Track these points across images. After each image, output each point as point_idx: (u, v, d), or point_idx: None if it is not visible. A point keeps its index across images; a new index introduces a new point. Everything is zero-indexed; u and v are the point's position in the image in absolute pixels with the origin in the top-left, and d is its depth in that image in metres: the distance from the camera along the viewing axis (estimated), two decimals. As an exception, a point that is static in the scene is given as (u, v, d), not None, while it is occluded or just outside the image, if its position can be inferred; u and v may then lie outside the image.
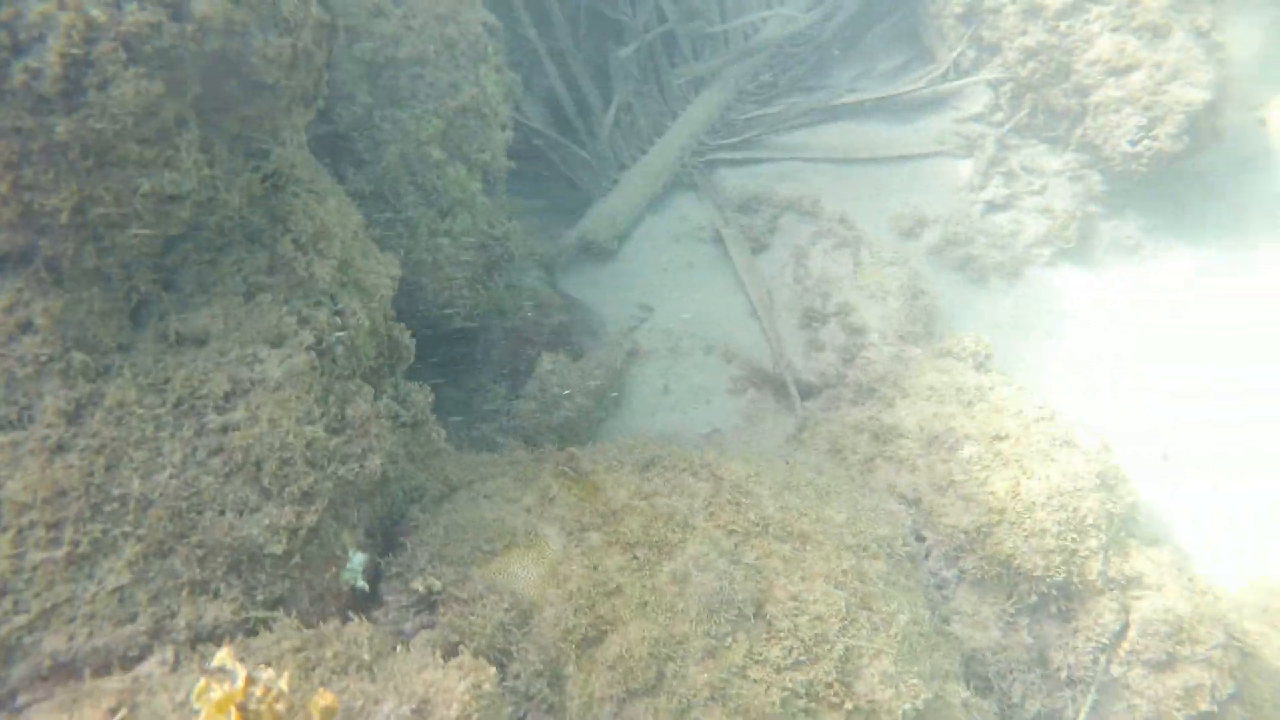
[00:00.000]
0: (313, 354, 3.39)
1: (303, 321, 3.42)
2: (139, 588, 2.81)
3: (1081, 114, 8.40)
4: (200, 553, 2.87)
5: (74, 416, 2.84)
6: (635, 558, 3.97)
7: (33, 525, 2.68)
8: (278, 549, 3.05)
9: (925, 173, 8.93)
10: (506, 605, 3.67)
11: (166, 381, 3.05)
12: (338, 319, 3.51)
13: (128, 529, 2.81)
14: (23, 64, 2.39)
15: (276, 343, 3.33)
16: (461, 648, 3.37)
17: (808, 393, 7.24)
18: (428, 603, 3.62)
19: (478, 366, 6.83)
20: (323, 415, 3.32)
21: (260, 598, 3.02)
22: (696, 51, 9.16)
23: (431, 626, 3.54)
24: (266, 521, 3.03)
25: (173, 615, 2.85)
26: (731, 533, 4.30)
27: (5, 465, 2.68)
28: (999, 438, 5.74)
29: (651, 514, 4.18)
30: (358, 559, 3.58)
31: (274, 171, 3.41)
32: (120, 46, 2.51)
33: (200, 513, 2.92)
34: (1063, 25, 8.26)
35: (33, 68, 2.40)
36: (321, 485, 3.22)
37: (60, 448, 2.77)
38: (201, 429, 3.04)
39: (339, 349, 3.54)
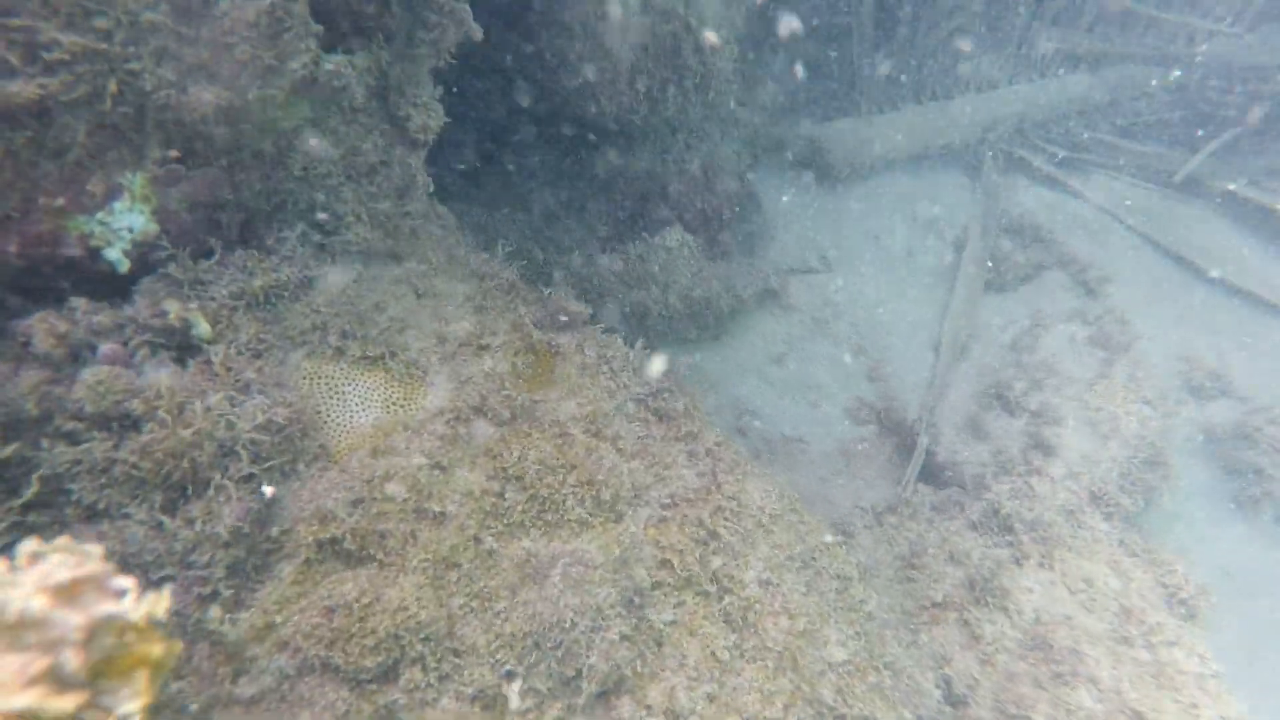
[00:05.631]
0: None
1: None
2: None
3: None
4: None
5: None
6: (501, 499, 2.43)
7: None
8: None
9: (1273, 334, 6.33)
10: (283, 418, 2.27)
11: None
12: None
13: None
14: None
15: None
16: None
17: (932, 474, 5.28)
18: (179, 343, 2.27)
19: (592, 185, 5.32)
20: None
21: None
22: (1098, 24, 6.79)
23: (142, 365, 2.15)
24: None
25: None
26: (666, 562, 2.65)
27: None
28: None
29: (577, 457, 2.60)
30: (128, 218, 2.24)
31: None
32: None
33: None
34: None
35: None
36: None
37: None
38: None
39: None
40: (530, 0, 4.11)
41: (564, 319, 3.04)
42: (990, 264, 6.26)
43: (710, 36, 4.38)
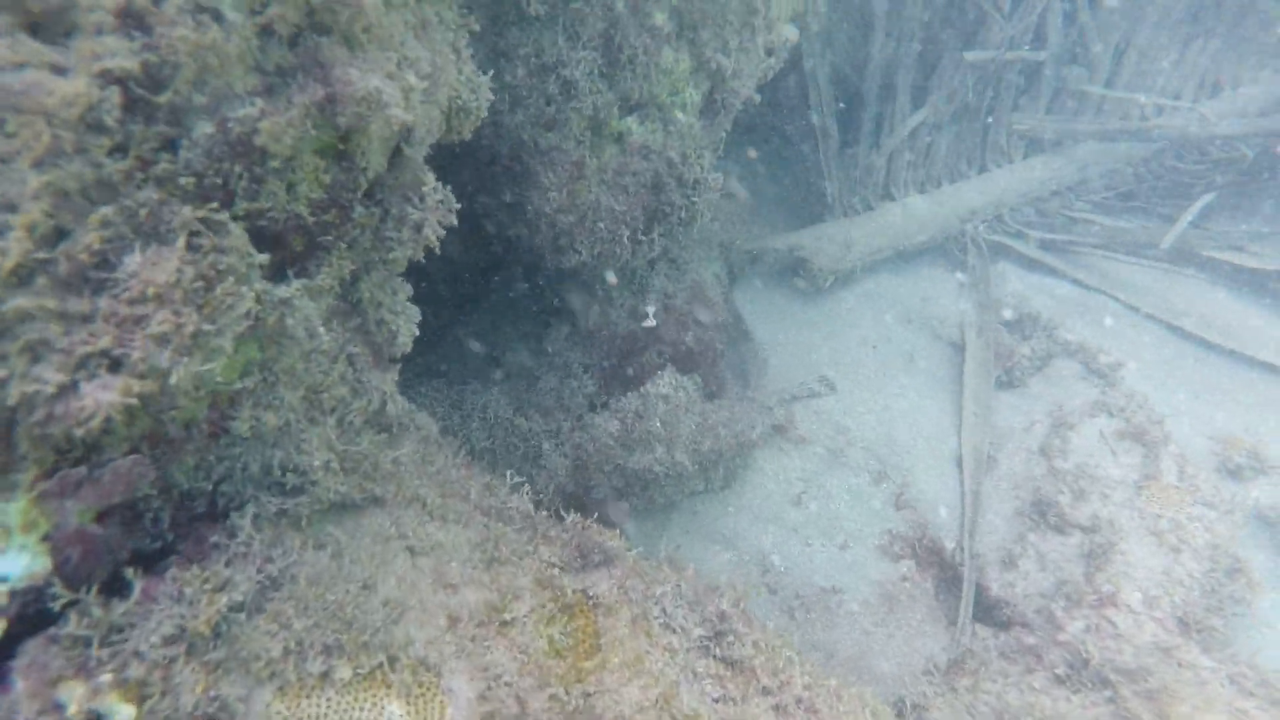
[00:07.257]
0: (107, 92, 1.39)
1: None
2: None
3: None
4: None
5: None
6: None
7: None
8: None
9: (1292, 402, 6.03)
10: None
11: None
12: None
13: None
14: None
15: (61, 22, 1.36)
16: None
17: (987, 612, 4.70)
18: (96, 734, 1.58)
19: (572, 337, 4.78)
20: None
21: None
22: (1054, 106, 6.68)
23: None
24: None
25: None
26: None
27: None
28: None
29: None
30: (16, 563, 1.57)
31: None
32: None
33: None
34: None
35: None
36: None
37: None
38: None
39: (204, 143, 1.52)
40: (497, 149, 3.63)
41: (598, 557, 2.42)
42: (995, 360, 5.87)
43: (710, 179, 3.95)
